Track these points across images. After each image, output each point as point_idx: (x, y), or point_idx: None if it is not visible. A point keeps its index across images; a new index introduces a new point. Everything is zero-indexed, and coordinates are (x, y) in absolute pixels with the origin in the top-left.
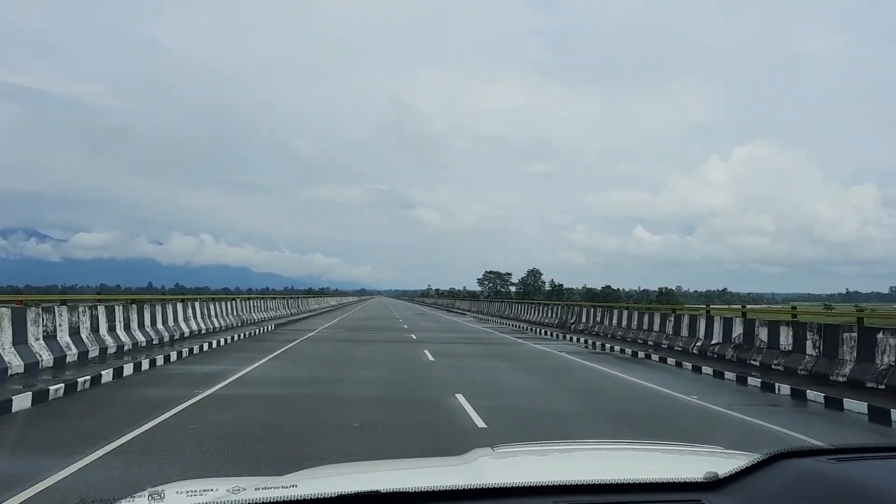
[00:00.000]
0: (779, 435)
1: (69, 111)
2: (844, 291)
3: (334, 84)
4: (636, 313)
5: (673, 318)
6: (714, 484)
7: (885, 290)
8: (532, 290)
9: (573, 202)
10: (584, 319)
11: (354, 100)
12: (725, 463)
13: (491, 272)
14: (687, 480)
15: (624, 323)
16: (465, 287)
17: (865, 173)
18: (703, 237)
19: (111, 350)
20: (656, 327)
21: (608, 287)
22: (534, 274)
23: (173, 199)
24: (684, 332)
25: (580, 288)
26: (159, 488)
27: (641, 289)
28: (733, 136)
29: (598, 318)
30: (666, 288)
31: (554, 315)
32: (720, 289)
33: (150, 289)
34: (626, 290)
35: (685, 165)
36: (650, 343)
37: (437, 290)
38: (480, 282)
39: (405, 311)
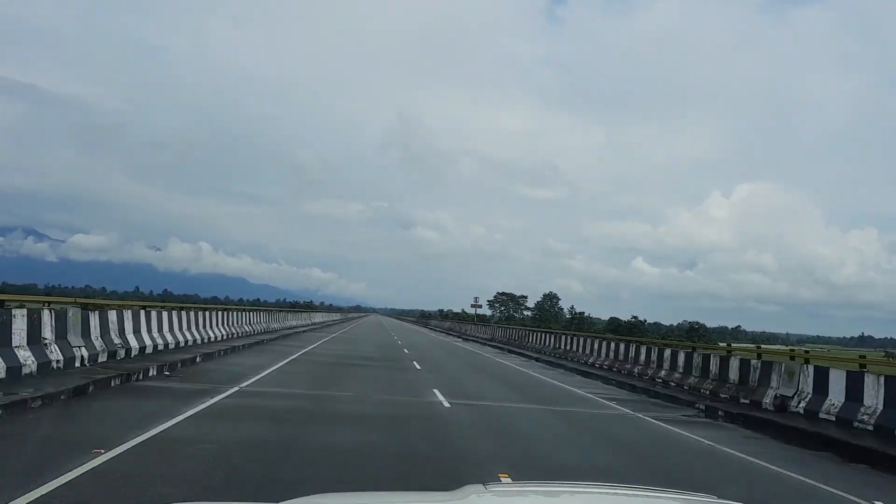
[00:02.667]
0: None
1: (73, 111)
2: (859, 335)
3: (340, 100)
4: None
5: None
6: None
7: None
8: (549, 316)
9: (573, 230)
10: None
11: (359, 116)
12: None
13: (504, 294)
14: None
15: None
16: (463, 309)
17: (866, 218)
18: (703, 272)
19: None
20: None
21: (635, 318)
22: (550, 298)
23: (173, 206)
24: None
25: (600, 318)
26: None
27: (667, 323)
28: (736, 174)
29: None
30: (697, 323)
31: (633, 359)
32: (733, 326)
33: (136, 293)
34: (654, 322)
35: (687, 200)
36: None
37: (441, 310)
38: (491, 304)
39: (414, 338)
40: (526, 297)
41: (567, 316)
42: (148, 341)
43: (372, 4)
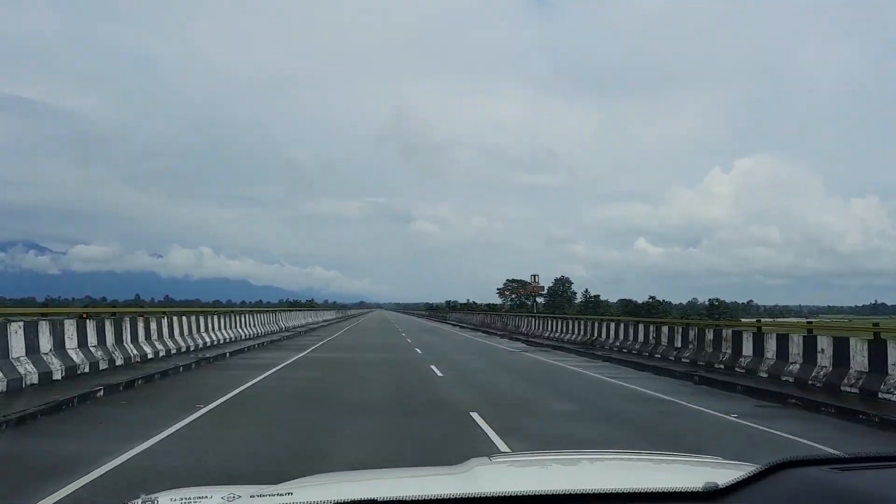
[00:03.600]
0: None
1: (67, 123)
2: (872, 303)
3: (332, 96)
4: None
5: None
6: (715, 494)
7: None
8: (562, 301)
9: (574, 215)
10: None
11: (353, 112)
12: (727, 473)
13: (514, 281)
14: (687, 490)
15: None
16: (469, 299)
17: (866, 186)
18: (707, 249)
19: None
20: None
21: (653, 299)
22: (562, 283)
23: (172, 212)
24: None
25: (614, 301)
26: (153, 496)
27: (688, 302)
28: (735, 149)
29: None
30: (717, 300)
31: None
32: (744, 301)
33: (137, 301)
34: (675, 303)
35: (687, 178)
36: None
37: (449, 302)
38: (501, 292)
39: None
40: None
41: (579, 300)
42: (192, 342)
43: None
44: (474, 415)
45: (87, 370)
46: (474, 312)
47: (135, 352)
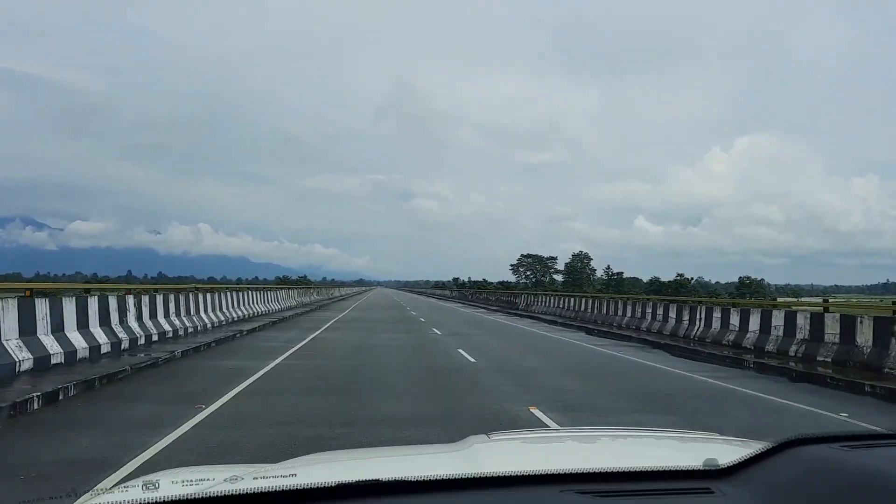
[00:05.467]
0: None
1: (61, 97)
2: (884, 282)
3: (332, 70)
4: None
5: None
6: (723, 472)
7: None
8: (581, 279)
9: (574, 193)
10: None
11: (352, 88)
12: (734, 450)
13: (529, 256)
14: (695, 468)
15: None
16: (471, 277)
17: (866, 165)
18: (707, 227)
19: None
20: None
21: (681, 276)
22: (581, 259)
23: (171, 188)
24: None
25: (638, 279)
26: (153, 477)
27: (713, 281)
28: (734, 127)
29: None
30: (749, 278)
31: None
32: (757, 279)
33: (129, 277)
34: (703, 280)
35: (686, 156)
36: None
37: (456, 279)
38: (515, 268)
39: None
40: (555, 259)
41: (599, 277)
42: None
43: None
44: None
45: (142, 342)
46: (483, 290)
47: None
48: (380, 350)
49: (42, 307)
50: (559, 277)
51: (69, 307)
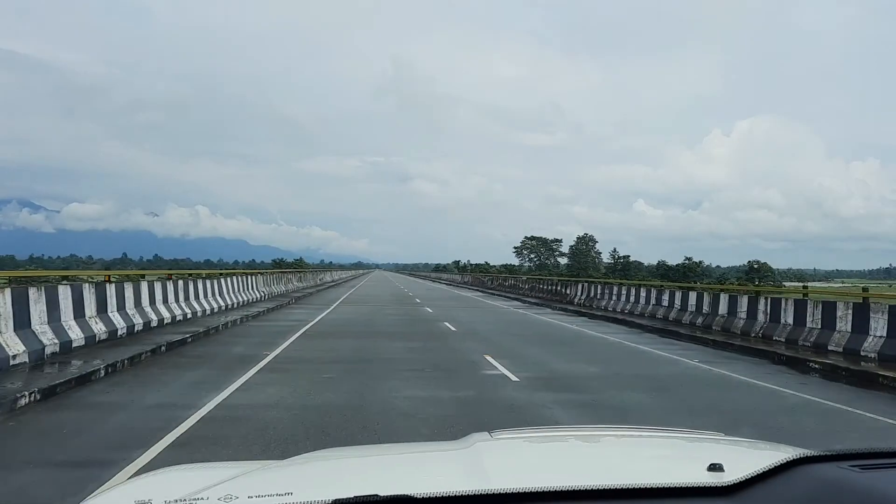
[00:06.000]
0: None
1: (57, 77)
2: (886, 266)
3: (330, 50)
4: None
5: None
6: (727, 489)
7: None
8: (586, 263)
9: (574, 175)
10: None
11: (351, 69)
12: (741, 455)
13: (533, 238)
14: (699, 485)
15: None
16: (470, 260)
17: (867, 149)
18: (707, 211)
19: None
20: None
21: (689, 259)
22: (586, 241)
23: (168, 170)
24: None
25: (649, 263)
26: (142, 483)
27: (716, 265)
28: (735, 109)
29: None
30: (757, 262)
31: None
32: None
33: (124, 260)
34: (712, 265)
35: (687, 138)
36: None
37: (457, 262)
38: (518, 251)
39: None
40: (560, 241)
41: (606, 261)
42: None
43: None
44: None
45: (168, 321)
46: (486, 273)
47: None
48: None
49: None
50: (563, 261)
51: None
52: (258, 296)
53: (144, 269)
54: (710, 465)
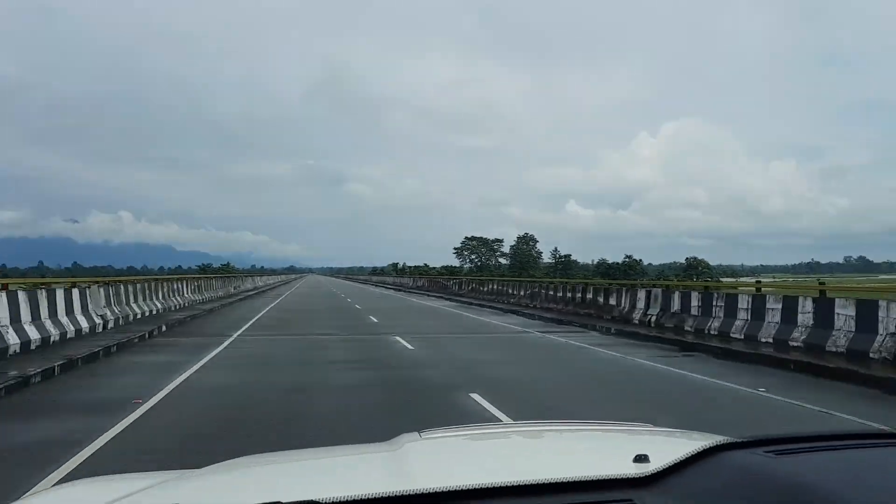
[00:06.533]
0: None
1: None
2: (809, 261)
3: (259, 51)
4: None
5: None
6: (646, 480)
7: (840, 261)
8: (527, 262)
9: (509, 177)
10: None
11: (282, 70)
12: (663, 446)
13: (473, 238)
14: (617, 477)
15: None
16: (406, 263)
17: (785, 149)
18: (637, 211)
19: None
20: None
21: (629, 257)
22: (526, 241)
23: (89, 175)
24: None
25: (589, 262)
26: (51, 497)
27: (648, 262)
28: (661, 112)
29: None
30: (694, 258)
31: None
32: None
33: (40, 268)
34: (652, 263)
35: (615, 140)
36: None
37: (395, 265)
38: (459, 251)
39: None
40: (501, 241)
41: (547, 261)
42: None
43: None
44: None
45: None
46: (425, 276)
47: None
48: None
49: None
50: (504, 261)
51: None
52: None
53: (60, 276)
54: (637, 456)
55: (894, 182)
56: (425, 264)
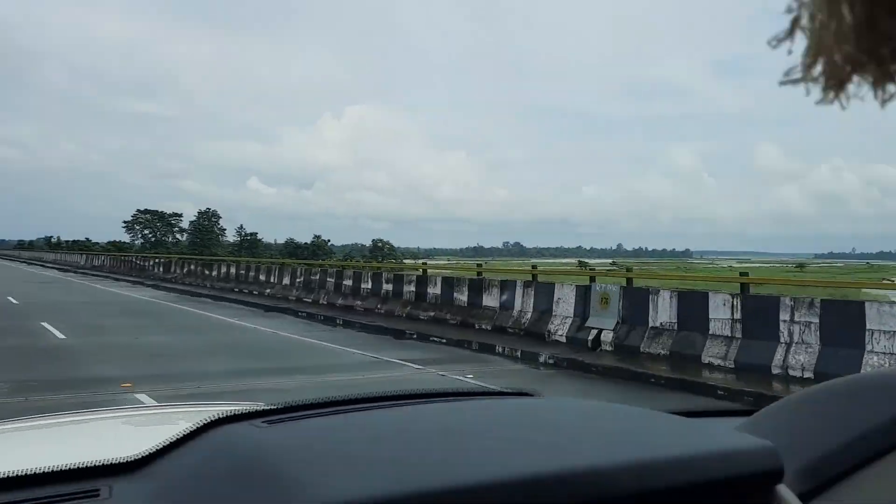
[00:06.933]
0: None
1: None
2: (475, 245)
3: None
4: None
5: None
6: (130, 465)
7: (500, 246)
8: (210, 240)
9: (185, 149)
10: None
11: None
12: (164, 427)
13: (147, 212)
14: (95, 464)
15: None
16: (60, 237)
17: (457, 140)
18: (321, 192)
19: None
20: None
21: (318, 237)
22: (209, 217)
23: None
24: None
25: (278, 242)
26: None
27: (353, 243)
28: (346, 96)
29: None
30: (381, 241)
31: None
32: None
33: None
34: (339, 245)
35: (299, 119)
36: None
37: (48, 238)
38: (129, 226)
39: None
40: (180, 216)
41: (231, 239)
42: None
43: None
44: None
45: None
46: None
47: None
48: None
49: None
50: (183, 237)
51: None
52: None
53: None
54: (134, 440)
55: (542, 177)
56: (87, 238)
